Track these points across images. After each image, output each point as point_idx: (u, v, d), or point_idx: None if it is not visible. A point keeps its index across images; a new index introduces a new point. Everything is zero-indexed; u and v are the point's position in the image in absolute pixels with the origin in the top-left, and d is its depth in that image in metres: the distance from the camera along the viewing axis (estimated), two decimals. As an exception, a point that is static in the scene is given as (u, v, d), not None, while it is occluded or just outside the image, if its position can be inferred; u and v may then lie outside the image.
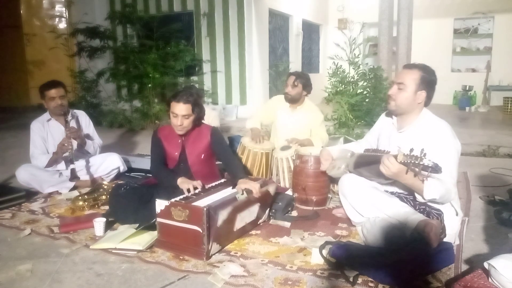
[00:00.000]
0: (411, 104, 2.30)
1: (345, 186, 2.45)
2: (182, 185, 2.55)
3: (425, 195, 2.11)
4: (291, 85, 3.70)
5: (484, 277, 1.78)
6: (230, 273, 2.01)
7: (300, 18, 10.00)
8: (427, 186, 2.07)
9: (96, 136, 3.75)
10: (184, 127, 2.67)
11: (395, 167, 2.01)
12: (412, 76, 2.27)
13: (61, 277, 2.04)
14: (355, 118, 6.04)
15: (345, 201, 2.47)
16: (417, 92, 2.27)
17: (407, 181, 2.10)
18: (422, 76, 2.26)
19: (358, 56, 6.84)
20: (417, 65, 2.34)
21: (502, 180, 3.68)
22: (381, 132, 2.57)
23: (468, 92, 9.88)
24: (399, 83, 2.30)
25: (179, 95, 2.64)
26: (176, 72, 7.45)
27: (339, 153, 2.71)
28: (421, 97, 2.28)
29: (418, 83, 2.26)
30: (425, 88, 2.27)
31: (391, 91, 2.34)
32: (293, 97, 3.73)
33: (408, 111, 2.33)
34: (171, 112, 2.66)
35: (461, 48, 10.60)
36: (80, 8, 9.11)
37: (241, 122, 7.19)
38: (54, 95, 3.38)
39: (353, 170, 2.46)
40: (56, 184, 3.39)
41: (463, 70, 10.59)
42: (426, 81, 2.27)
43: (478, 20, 10.29)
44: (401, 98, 2.29)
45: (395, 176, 2.08)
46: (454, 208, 2.25)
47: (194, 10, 8.42)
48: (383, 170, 2.06)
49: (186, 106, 2.62)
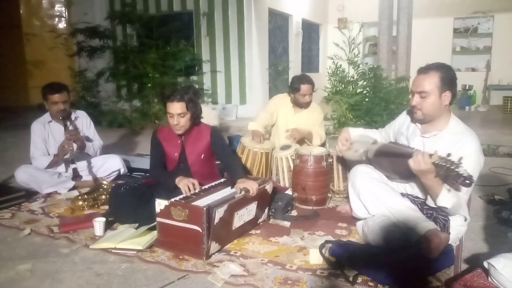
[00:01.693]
0: (438, 109, 2.17)
1: (357, 177, 2.39)
2: (180, 184, 2.54)
3: (438, 201, 2.08)
4: (309, 95, 3.68)
5: (484, 276, 1.78)
6: (230, 273, 2.01)
7: (300, 17, 10.01)
8: (444, 193, 2.03)
9: (97, 137, 3.73)
10: (182, 126, 2.66)
11: (427, 165, 1.94)
12: (432, 80, 2.13)
13: (61, 277, 2.04)
14: (355, 118, 6.05)
15: (353, 193, 2.43)
16: (442, 94, 2.14)
17: (429, 182, 2.04)
18: (442, 77, 2.12)
19: (357, 55, 6.84)
20: (432, 66, 2.19)
21: (502, 180, 3.68)
22: (401, 130, 2.46)
23: (468, 91, 9.89)
24: (420, 92, 2.16)
25: (172, 94, 2.62)
26: (175, 72, 7.45)
27: (359, 137, 2.63)
28: (447, 98, 2.15)
29: (440, 85, 2.12)
30: (449, 87, 2.14)
31: (415, 102, 2.19)
32: (308, 103, 3.75)
33: (436, 116, 2.20)
34: (167, 113, 2.66)
35: (461, 48, 10.61)
36: (80, 8, 9.12)
37: (241, 122, 7.20)
38: (57, 100, 3.34)
39: (373, 157, 2.39)
40: (55, 185, 3.38)
41: (463, 70, 10.59)
42: (448, 80, 2.13)
43: (478, 20, 10.30)
44: (427, 106, 2.16)
45: (420, 174, 2.01)
46: (462, 214, 2.23)
47: (193, 10, 8.43)
48: (412, 163, 1.98)
49: (180, 104, 2.60)
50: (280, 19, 9.33)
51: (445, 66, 2.20)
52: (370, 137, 2.61)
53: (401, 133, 2.45)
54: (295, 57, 9.77)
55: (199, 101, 2.79)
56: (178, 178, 2.59)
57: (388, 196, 2.29)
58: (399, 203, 2.25)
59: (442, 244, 2.01)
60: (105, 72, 7.77)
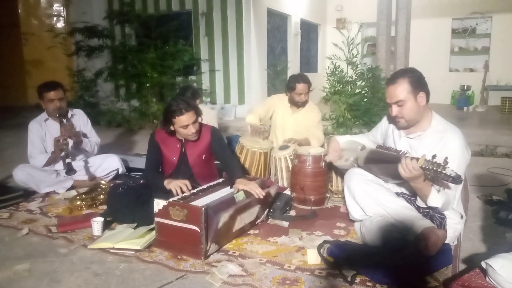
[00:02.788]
0: (418, 111, 2.21)
1: (352, 180, 2.41)
2: (170, 186, 2.54)
3: (428, 201, 2.10)
4: (305, 94, 3.67)
5: (482, 276, 1.78)
6: (228, 273, 2.01)
7: (299, 17, 10.00)
8: (433, 194, 2.06)
9: (94, 134, 3.72)
10: (198, 130, 2.67)
11: (416, 172, 1.96)
12: (402, 88, 2.18)
13: (59, 276, 2.04)
14: (353, 118, 6.05)
15: (349, 195, 2.45)
16: (416, 97, 2.19)
17: (418, 185, 2.07)
18: (410, 81, 2.18)
19: (356, 55, 6.85)
20: (397, 74, 2.25)
21: (500, 180, 3.69)
22: (387, 133, 2.49)
23: (466, 92, 9.90)
24: (396, 102, 2.21)
25: (179, 107, 2.55)
26: (174, 72, 7.44)
27: (348, 145, 2.66)
28: (422, 99, 2.20)
29: (411, 89, 2.18)
30: (420, 88, 2.19)
31: (395, 112, 2.23)
32: (304, 102, 3.74)
33: (419, 119, 2.24)
34: (180, 127, 2.60)
35: (459, 48, 10.62)
36: (78, 7, 9.09)
37: (239, 122, 7.19)
38: (53, 97, 3.36)
39: (363, 165, 2.42)
40: (53, 184, 3.38)
41: (461, 70, 10.61)
42: (417, 82, 2.19)
43: (476, 20, 10.31)
44: (407, 113, 2.21)
45: (410, 179, 2.04)
46: (458, 211, 2.25)
47: (192, 10, 8.41)
48: (401, 171, 2.01)
49: (191, 113, 2.58)
50: (278, 19, 9.33)
51: (409, 70, 2.27)
52: (358, 142, 2.64)
53: (388, 135, 2.49)
54: (293, 57, 9.77)
55: (198, 101, 2.79)
56: (167, 180, 2.58)
57: (384, 196, 2.31)
58: (394, 203, 2.27)
59: (439, 241, 2.04)
60: (103, 71, 7.76)
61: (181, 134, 2.68)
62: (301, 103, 3.73)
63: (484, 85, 9.78)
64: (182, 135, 2.68)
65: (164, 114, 2.67)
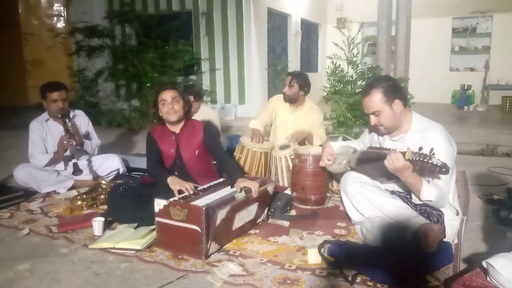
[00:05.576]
0: (396, 118, 2.26)
1: (348, 184, 2.45)
2: (172, 186, 2.55)
3: (422, 196, 2.12)
4: (288, 85, 3.72)
5: (483, 275, 1.78)
6: (229, 273, 2.01)
7: (299, 17, 10.00)
8: (425, 187, 2.08)
9: (95, 136, 3.73)
10: (176, 110, 2.73)
11: (400, 163, 2.01)
12: (376, 98, 2.22)
13: (60, 276, 2.04)
14: (354, 117, 6.04)
15: (346, 199, 2.48)
16: (392, 105, 2.22)
17: (408, 179, 2.10)
18: (384, 91, 2.21)
19: (356, 55, 6.83)
20: (371, 85, 2.28)
21: (500, 179, 3.69)
22: (374, 138, 2.55)
23: (467, 91, 9.90)
24: (372, 112, 2.26)
25: (163, 85, 2.86)
26: (174, 71, 7.44)
27: (340, 149, 2.71)
28: (399, 106, 2.23)
29: (385, 99, 2.21)
30: (395, 96, 2.23)
31: (373, 122, 2.30)
32: (290, 97, 3.74)
33: (398, 124, 2.29)
34: (160, 102, 2.74)
35: (459, 47, 10.62)
36: (79, 7, 9.10)
37: (240, 121, 7.20)
38: (56, 98, 3.36)
39: (356, 166, 2.46)
40: (54, 184, 3.38)
41: (461, 69, 10.61)
42: (390, 91, 2.22)
43: (477, 19, 10.31)
44: (385, 121, 2.26)
45: (397, 172, 2.08)
46: (454, 207, 2.26)
47: (192, 9, 8.42)
48: (387, 164, 2.06)
49: (172, 91, 2.75)
50: (279, 18, 9.33)
51: (381, 79, 2.32)
52: (350, 146, 2.67)
53: (374, 141, 2.54)
54: (294, 56, 9.77)
55: (190, 97, 2.88)
56: (170, 178, 2.61)
57: (379, 197, 2.33)
58: (390, 203, 2.29)
59: (437, 236, 2.05)
60: (104, 71, 7.76)
61: (163, 113, 2.75)
62: (286, 96, 3.76)
63: (484, 85, 9.78)
64: (164, 114, 2.75)
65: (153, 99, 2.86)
